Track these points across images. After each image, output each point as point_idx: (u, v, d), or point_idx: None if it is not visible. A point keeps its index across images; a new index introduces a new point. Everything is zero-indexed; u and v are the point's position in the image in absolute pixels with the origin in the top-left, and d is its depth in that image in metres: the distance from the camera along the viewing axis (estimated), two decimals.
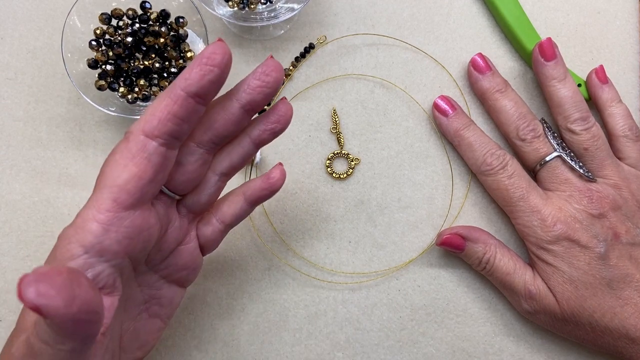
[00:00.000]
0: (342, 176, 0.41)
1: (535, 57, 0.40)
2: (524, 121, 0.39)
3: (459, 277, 0.41)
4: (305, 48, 0.42)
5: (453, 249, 0.39)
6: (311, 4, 0.43)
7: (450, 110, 0.40)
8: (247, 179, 0.41)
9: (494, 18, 0.43)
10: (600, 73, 0.41)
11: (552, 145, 0.38)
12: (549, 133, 0.39)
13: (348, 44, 0.43)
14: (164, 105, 0.27)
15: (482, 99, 0.41)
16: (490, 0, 0.42)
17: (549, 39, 0.39)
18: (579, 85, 0.41)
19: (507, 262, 0.38)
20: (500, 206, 0.40)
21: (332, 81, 0.42)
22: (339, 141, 0.42)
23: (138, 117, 0.37)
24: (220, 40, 0.28)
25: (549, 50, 0.39)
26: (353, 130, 0.42)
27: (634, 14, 0.43)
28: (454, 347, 0.40)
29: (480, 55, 0.41)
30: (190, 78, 0.27)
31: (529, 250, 0.38)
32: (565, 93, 0.39)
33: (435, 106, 0.41)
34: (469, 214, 0.41)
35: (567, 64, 0.40)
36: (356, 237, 0.41)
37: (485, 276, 0.40)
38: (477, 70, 0.41)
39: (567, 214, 0.37)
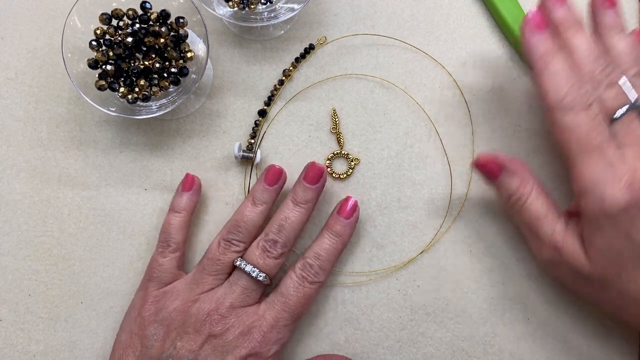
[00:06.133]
0: (342, 176, 0.41)
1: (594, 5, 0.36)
2: (600, 64, 0.34)
3: (459, 277, 0.41)
4: (306, 49, 0.42)
5: (487, 174, 0.36)
6: (311, 4, 0.43)
7: (543, 27, 0.35)
8: (247, 179, 0.41)
9: (494, 18, 0.43)
10: None
11: (630, 95, 0.33)
12: (628, 82, 0.34)
13: (348, 44, 0.43)
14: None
15: (554, 32, 0.36)
16: (490, 1, 0.42)
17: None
18: None
19: (540, 206, 0.35)
20: (564, 151, 0.34)
21: (332, 81, 0.42)
22: (339, 141, 0.42)
23: (138, 117, 0.37)
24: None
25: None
26: (353, 130, 0.42)
27: (634, 14, 0.43)
28: (453, 347, 0.40)
29: None
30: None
31: (583, 212, 0.34)
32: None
33: (529, 19, 0.35)
34: (469, 214, 0.41)
35: None
36: (356, 237, 0.41)
37: (511, 214, 0.37)
38: None
39: None
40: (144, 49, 0.37)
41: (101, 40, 0.37)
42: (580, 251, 0.34)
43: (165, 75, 0.38)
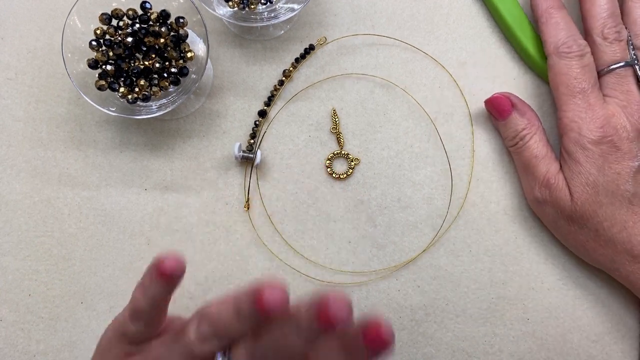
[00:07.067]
0: (342, 176, 0.41)
1: None
2: (613, 20, 0.38)
3: (459, 277, 0.41)
4: (306, 49, 0.42)
5: (498, 111, 0.40)
6: (311, 4, 0.43)
7: None
8: (247, 180, 0.41)
9: (494, 18, 0.43)
10: None
11: (630, 54, 0.38)
12: (631, 43, 0.38)
13: (348, 44, 0.43)
14: None
15: None
16: (490, 1, 0.42)
17: None
18: None
19: (541, 147, 0.38)
20: (554, 92, 0.39)
21: (332, 81, 0.42)
22: (339, 141, 0.42)
23: (138, 117, 0.37)
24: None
25: None
26: (353, 130, 0.42)
27: None
28: (453, 347, 0.40)
29: None
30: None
31: (563, 148, 0.38)
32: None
33: None
34: (469, 213, 0.41)
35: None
36: (356, 237, 0.41)
37: (511, 153, 0.40)
38: None
39: (618, 121, 0.37)
40: (144, 49, 0.37)
41: (101, 40, 0.37)
42: (566, 190, 0.37)
43: (165, 75, 0.38)
